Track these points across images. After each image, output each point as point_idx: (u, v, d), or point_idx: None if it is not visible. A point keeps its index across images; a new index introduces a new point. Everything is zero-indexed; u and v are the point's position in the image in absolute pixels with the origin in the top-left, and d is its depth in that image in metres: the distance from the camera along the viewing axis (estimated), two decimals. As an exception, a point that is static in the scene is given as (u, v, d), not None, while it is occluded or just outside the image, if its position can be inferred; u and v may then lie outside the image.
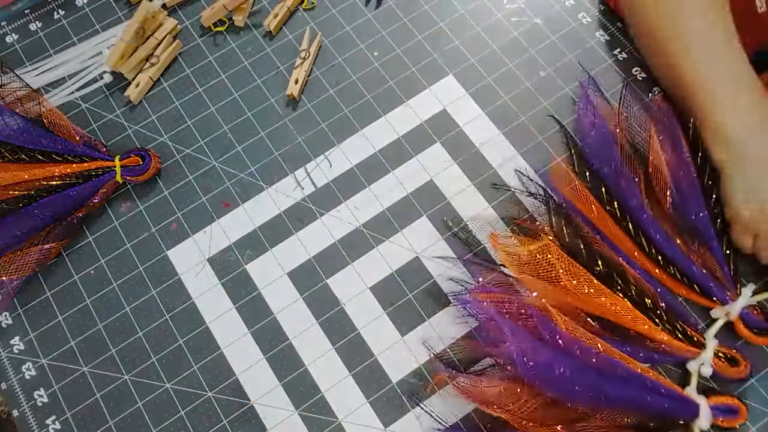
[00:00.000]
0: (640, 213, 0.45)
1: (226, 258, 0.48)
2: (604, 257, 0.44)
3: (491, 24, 0.55)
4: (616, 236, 0.45)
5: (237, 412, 0.44)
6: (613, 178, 0.46)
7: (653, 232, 0.45)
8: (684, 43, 0.45)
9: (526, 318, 0.42)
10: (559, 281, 0.42)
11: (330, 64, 0.54)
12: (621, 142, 0.47)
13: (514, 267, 0.43)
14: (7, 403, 0.45)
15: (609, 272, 0.43)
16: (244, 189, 0.50)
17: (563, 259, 0.42)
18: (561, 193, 0.47)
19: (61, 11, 0.57)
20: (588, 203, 0.46)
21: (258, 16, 0.57)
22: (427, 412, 0.43)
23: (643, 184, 0.46)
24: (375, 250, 0.48)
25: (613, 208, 0.46)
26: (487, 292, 0.44)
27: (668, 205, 0.45)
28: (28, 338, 0.47)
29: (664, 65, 0.48)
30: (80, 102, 0.54)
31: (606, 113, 0.49)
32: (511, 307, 0.42)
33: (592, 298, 0.42)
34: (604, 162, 0.47)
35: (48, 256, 0.48)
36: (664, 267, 0.44)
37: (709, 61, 0.45)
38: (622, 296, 0.42)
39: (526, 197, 0.48)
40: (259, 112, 0.53)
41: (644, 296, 0.43)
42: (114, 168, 0.49)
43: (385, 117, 0.52)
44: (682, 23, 0.45)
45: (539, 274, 0.42)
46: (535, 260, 0.43)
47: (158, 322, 0.47)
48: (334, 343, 0.45)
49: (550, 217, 0.45)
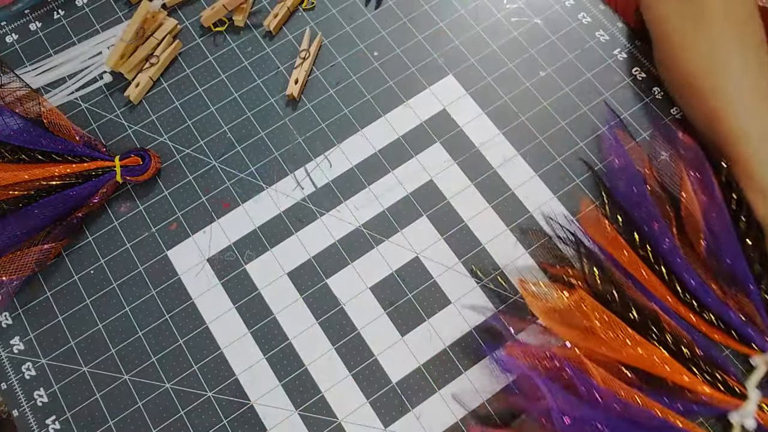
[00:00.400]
0: (674, 257, 0.43)
1: (226, 258, 0.48)
2: (638, 304, 0.42)
3: (491, 24, 0.55)
4: (649, 281, 0.43)
5: (237, 412, 0.44)
6: (645, 220, 0.44)
7: (687, 276, 0.42)
8: (724, 92, 0.42)
9: (560, 370, 0.40)
10: (593, 332, 0.40)
11: (330, 64, 0.54)
12: (651, 183, 0.45)
13: (544, 315, 0.42)
14: (7, 403, 0.45)
15: (643, 319, 0.41)
16: (244, 189, 0.50)
17: (597, 309, 0.41)
18: (591, 237, 0.45)
19: (61, 11, 0.57)
20: (620, 247, 0.44)
21: (258, 16, 0.57)
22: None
23: (675, 227, 0.44)
24: (375, 250, 0.48)
25: (645, 252, 0.44)
26: (521, 345, 0.42)
27: (702, 248, 0.43)
28: (28, 338, 0.47)
29: (701, 113, 0.45)
30: (80, 102, 0.54)
31: (634, 151, 0.47)
32: (544, 359, 0.41)
33: (628, 348, 0.40)
34: (635, 204, 0.45)
35: (48, 256, 0.48)
36: (700, 313, 0.42)
37: (753, 113, 0.41)
38: (658, 346, 0.40)
39: (555, 241, 0.47)
40: (259, 112, 0.53)
41: (681, 345, 0.41)
42: (114, 168, 0.49)
43: (385, 117, 0.52)
44: (722, 70, 0.42)
45: (572, 323, 0.41)
46: (569, 310, 0.41)
47: (158, 322, 0.47)
48: (334, 343, 0.45)
49: (582, 262, 0.44)
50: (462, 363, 0.44)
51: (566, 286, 0.44)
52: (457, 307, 0.46)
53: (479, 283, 0.46)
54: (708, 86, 0.43)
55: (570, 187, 0.49)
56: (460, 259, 0.47)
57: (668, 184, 0.46)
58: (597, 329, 0.40)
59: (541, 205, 0.48)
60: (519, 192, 0.49)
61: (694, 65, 0.44)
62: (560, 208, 0.48)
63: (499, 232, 0.48)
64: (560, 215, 0.47)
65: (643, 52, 0.53)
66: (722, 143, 0.43)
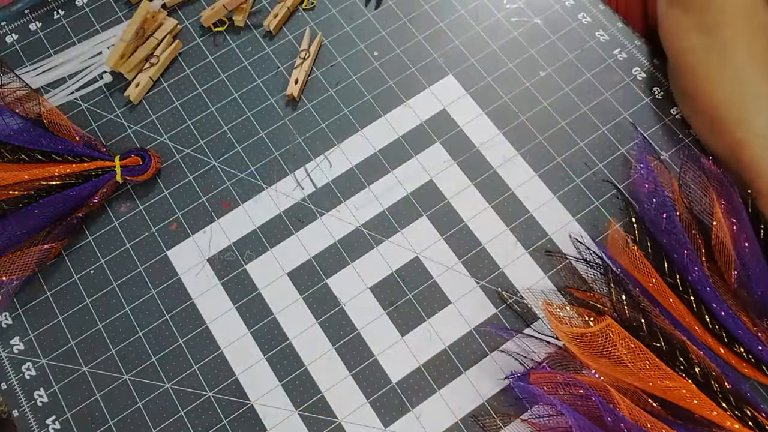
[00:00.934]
0: (703, 286, 0.42)
1: (226, 258, 0.48)
2: (666, 333, 0.41)
3: (491, 24, 0.55)
4: (677, 310, 0.42)
5: (237, 412, 0.44)
6: (675, 248, 0.43)
7: (717, 307, 0.41)
8: (751, 125, 0.42)
9: (585, 399, 0.39)
10: (620, 361, 0.39)
11: (330, 64, 0.54)
12: (680, 209, 0.44)
13: (570, 341, 0.40)
14: (7, 403, 0.45)
15: (671, 350, 0.40)
16: (244, 189, 0.50)
17: (625, 337, 0.39)
18: (618, 262, 0.44)
19: (61, 11, 0.57)
20: (648, 274, 0.43)
21: (258, 16, 0.57)
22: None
23: (704, 255, 0.43)
24: (375, 250, 0.48)
25: (674, 280, 0.43)
26: (544, 372, 0.41)
27: (733, 279, 0.42)
28: (28, 338, 0.47)
29: (723, 144, 0.44)
30: (80, 102, 0.54)
31: (662, 174, 0.46)
32: (568, 387, 0.40)
33: (656, 379, 0.39)
34: (665, 231, 0.44)
35: (48, 256, 0.48)
36: (729, 345, 0.41)
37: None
38: (685, 377, 0.39)
39: (579, 264, 0.46)
40: (259, 112, 0.53)
41: (709, 377, 0.40)
42: (114, 168, 0.49)
43: (385, 117, 0.52)
44: (750, 103, 0.42)
45: (598, 351, 0.40)
46: (595, 337, 0.40)
47: (158, 322, 0.47)
48: (334, 343, 0.45)
49: (609, 287, 0.43)
50: (462, 363, 0.44)
51: (592, 311, 0.42)
52: (457, 307, 0.46)
53: (479, 284, 0.46)
54: (734, 118, 0.43)
55: (570, 187, 0.49)
56: (460, 259, 0.47)
57: (697, 210, 0.45)
58: (624, 358, 0.39)
59: (564, 225, 0.48)
60: (519, 192, 0.49)
61: (719, 98, 0.44)
62: (576, 226, 0.48)
63: (499, 232, 0.48)
64: (586, 238, 0.46)
65: (643, 52, 0.53)
66: (746, 174, 0.43)
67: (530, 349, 0.43)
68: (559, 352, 0.43)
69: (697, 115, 0.47)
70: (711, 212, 0.44)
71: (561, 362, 0.42)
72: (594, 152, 0.50)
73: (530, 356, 0.43)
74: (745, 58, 0.43)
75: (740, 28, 0.44)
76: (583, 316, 0.42)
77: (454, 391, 0.44)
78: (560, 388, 0.40)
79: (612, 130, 0.50)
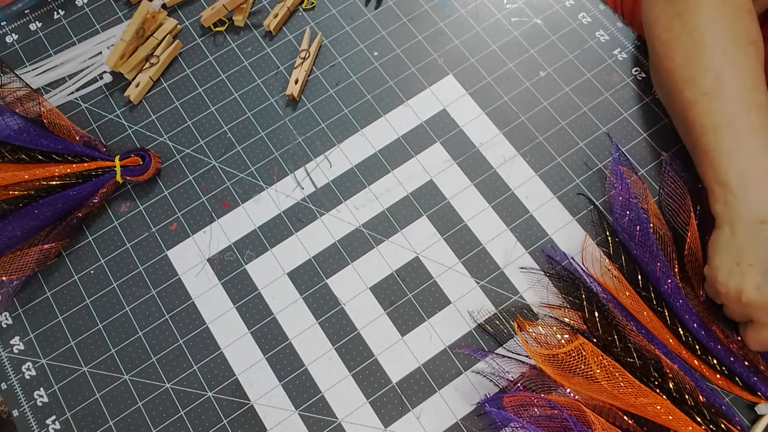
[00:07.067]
0: (676, 299, 0.42)
1: (226, 258, 0.48)
2: (639, 347, 0.41)
3: (491, 24, 0.55)
4: (651, 323, 0.42)
5: (237, 412, 0.44)
6: (648, 261, 0.43)
7: (689, 318, 0.41)
8: (699, 83, 0.42)
9: (560, 421, 0.39)
10: (594, 380, 0.39)
11: (330, 64, 0.54)
12: (653, 220, 0.44)
13: (543, 362, 0.40)
14: (7, 403, 0.45)
15: (645, 364, 0.40)
16: (244, 189, 0.50)
17: (598, 355, 0.39)
18: (593, 276, 0.44)
19: (61, 11, 0.57)
20: (622, 288, 0.43)
21: (258, 16, 0.57)
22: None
23: (677, 267, 0.43)
24: (375, 250, 0.48)
25: (648, 293, 0.43)
26: (517, 394, 0.41)
27: (701, 291, 0.42)
28: (28, 338, 0.47)
29: (678, 105, 0.45)
30: (80, 102, 0.54)
31: (635, 185, 0.46)
32: (543, 408, 0.39)
33: (630, 397, 0.39)
34: (639, 243, 0.44)
35: (48, 256, 0.48)
36: (702, 357, 0.41)
37: (722, 106, 0.41)
38: (660, 393, 0.39)
39: (551, 279, 0.46)
40: (259, 112, 0.53)
41: (683, 391, 0.40)
42: (114, 168, 0.49)
43: (385, 117, 0.52)
44: (700, 61, 0.43)
45: (571, 369, 0.39)
46: (568, 356, 0.39)
47: (158, 322, 0.47)
48: (334, 343, 0.45)
49: (583, 304, 0.42)
50: (462, 363, 0.44)
51: (566, 327, 0.42)
52: (457, 307, 0.46)
53: (479, 284, 0.46)
54: (686, 77, 0.44)
55: (570, 187, 0.49)
56: (460, 259, 0.47)
57: (670, 221, 0.45)
58: (598, 376, 0.39)
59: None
60: (519, 192, 0.49)
61: (678, 61, 0.45)
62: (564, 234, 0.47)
63: (499, 232, 0.48)
64: (561, 254, 0.46)
65: (643, 52, 0.53)
66: (691, 132, 0.44)
67: (504, 369, 0.43)
68: (534, 371, 0.42)
69: (664, 94, 0.48)
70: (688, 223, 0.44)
71: (536, 381, 0.42)
72: (594, 152, 0.50)
73: (504, 376, 0.43)
74: (704, 22, 0.44)
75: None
76: (555, 334, 0.42)
77: (454, 390, 0.44)
78: (534, 409, 0.40)
79: (612, 130, 0.50)
